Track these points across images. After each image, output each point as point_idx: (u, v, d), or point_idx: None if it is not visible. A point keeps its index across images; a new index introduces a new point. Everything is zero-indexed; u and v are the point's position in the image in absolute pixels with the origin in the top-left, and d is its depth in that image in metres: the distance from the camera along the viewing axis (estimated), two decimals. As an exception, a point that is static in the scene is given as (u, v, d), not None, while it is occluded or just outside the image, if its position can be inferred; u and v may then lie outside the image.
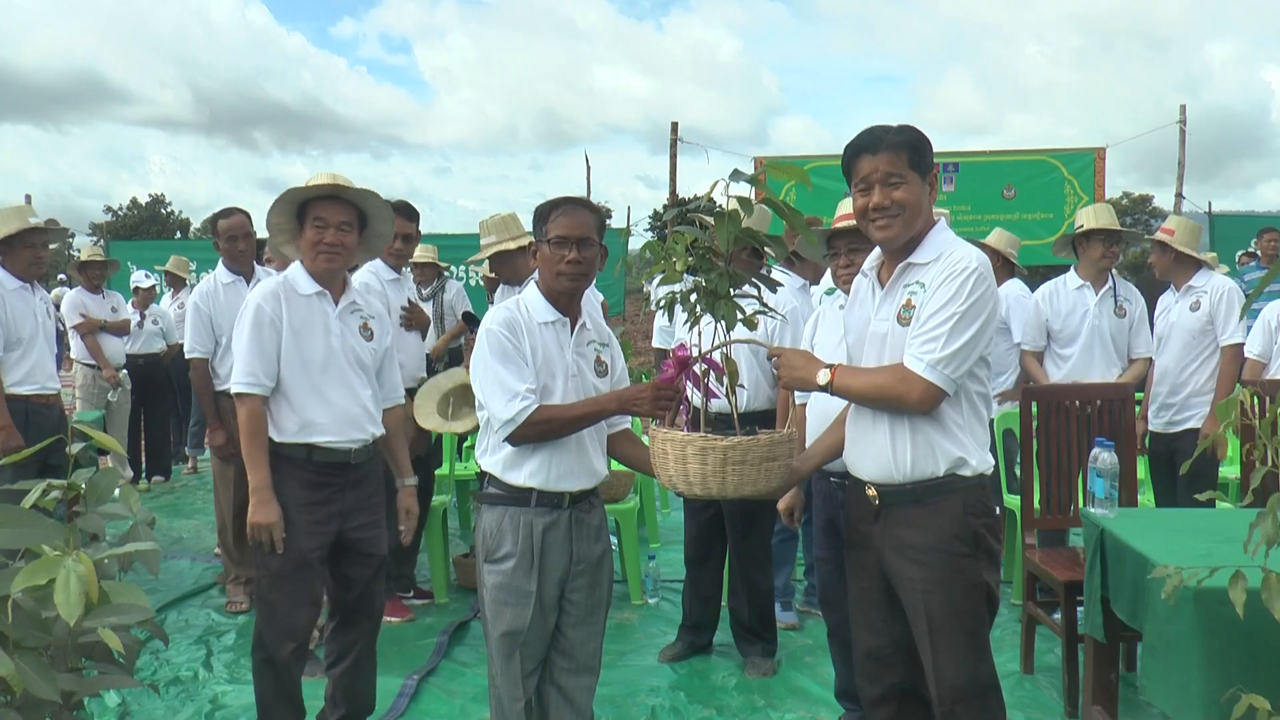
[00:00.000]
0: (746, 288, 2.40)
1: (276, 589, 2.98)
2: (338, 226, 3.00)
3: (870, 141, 2.32)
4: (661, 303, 2.48)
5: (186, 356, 4.57)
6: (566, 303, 2.64)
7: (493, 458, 2.61)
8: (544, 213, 2.62)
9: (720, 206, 2.35)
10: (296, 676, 3.05)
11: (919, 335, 2.26)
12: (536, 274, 2.68)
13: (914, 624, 2.38)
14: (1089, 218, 4.65)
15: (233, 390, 2.98)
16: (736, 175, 2.27)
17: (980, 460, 2.34)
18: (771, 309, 2.54)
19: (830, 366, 2.37)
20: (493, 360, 2.54)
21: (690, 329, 2.43)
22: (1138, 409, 5.44)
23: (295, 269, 3.07)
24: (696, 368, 2.44)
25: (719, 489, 2.33)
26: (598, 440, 2.69)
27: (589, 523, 2.67)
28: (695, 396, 2.49)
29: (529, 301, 2.63)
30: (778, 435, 2.38)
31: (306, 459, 2.98)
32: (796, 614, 4.49)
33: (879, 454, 2.38)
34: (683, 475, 2.35)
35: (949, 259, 2.28)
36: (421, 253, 7.19)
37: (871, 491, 2.42)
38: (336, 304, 3.07)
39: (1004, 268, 5.28)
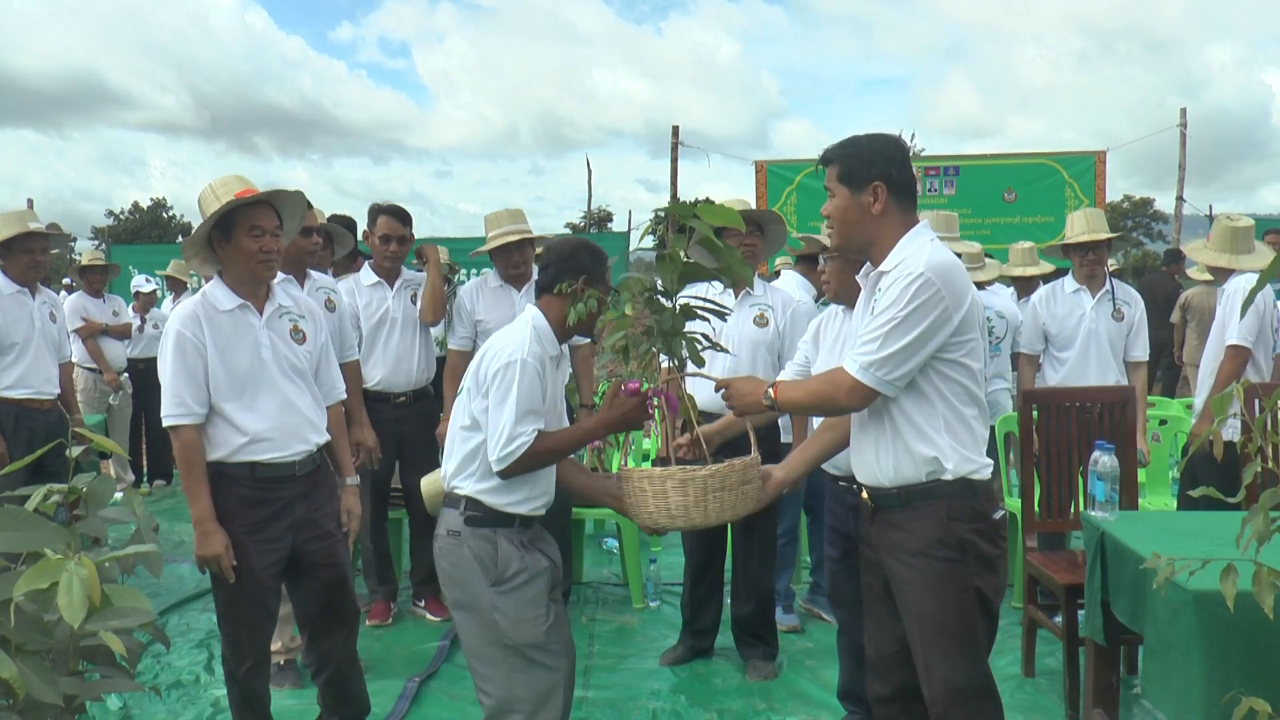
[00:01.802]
0: (717, 294, 2.49)
1: (232, 609, 2.92)
2: (272, 232, 2.91)
3: (820, 157, 2.46)
4: (615, 348, 2.52)
5: None
6: (565, 340, 2.75)
7: (484, 484, 2.61)
8: (603, 260, 2.73)
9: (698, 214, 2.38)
10: (260, 689, 3.02)
11: (859, 338, 2.32)
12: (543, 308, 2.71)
13: (907, 625, 2.40)
14: (1069, 227, 4.65)
15: (166, 423, 2.87)
16: (660, 217, 2.39)
17: (959, 463, 2.32)
18: (719, 344, 2.62)
19: (773, 384, 2.44)
20: (519, 393, 2.53)
21: (642, 369, 2.50)
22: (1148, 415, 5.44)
23: (211, 285, 2.93)
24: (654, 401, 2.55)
25: (701, 518, 2.42)
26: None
27: (545, 528, 2.80)
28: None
29: (544, 335, 2.65)
30: (749, 459, 2.48)
31: (250, 476, 2.89)
32: (798, 616, 4.49)
33: (865, 459, 2.44)
34: (664, 510, 2.42)
35: (902, 265, 2.30)
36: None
37: (865, 495, 2.49)
38: (261, 313, 2.95)
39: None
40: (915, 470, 2.34)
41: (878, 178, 2.34)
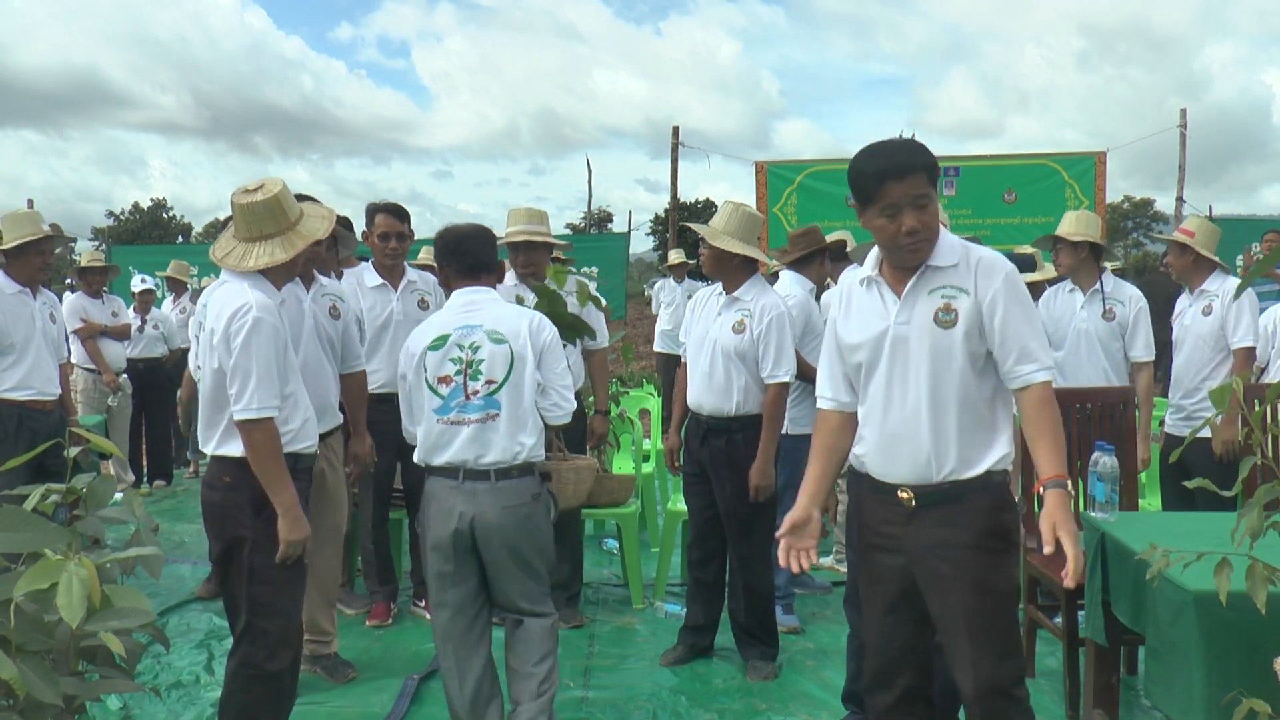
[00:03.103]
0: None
1: (282, 599, 2.89)
2: None
3: (896, 168, 2.31)
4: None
5: None
6: None
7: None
8: None
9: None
10: (294, 681, 2.99)
11: (1026, 350, 2.32)
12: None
13: (946, 623, 2.38)
14: (1061, 226, 4.66)
15: (257, 415, 2.78)
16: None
17: (1008, 456, 2.41)
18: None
19: (1047, 485, 2.31)
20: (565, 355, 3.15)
21: None
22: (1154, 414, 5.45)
23: (257, 280, 2.92)
24: None
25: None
26: None
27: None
28: None
29: None
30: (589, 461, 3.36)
31: (294, 467, 2.94)
32: (798, 617, 4.48)
33: (916, 455, 2.38)
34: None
35: (985, 263, 2.36)
36: (426, 256, 7.21)
37: (905, 494, 2.40)
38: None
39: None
40: (981, 463, 2.36)
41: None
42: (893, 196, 2.30)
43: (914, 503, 2.39)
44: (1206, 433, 4.41)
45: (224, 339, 2.79)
